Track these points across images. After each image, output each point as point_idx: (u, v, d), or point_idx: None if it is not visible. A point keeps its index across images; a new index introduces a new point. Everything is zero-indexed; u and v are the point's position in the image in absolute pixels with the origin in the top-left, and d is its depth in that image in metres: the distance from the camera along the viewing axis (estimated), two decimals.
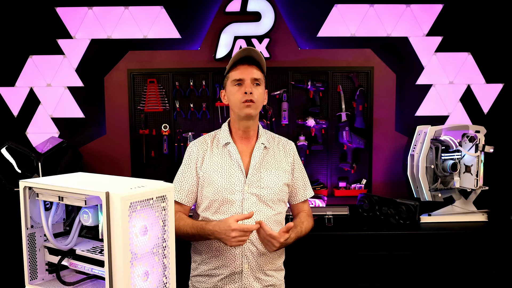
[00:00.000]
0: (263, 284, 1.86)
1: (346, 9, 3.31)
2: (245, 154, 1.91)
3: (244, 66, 1.84)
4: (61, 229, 1.41)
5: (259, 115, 1.93)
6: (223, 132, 1.94)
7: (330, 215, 2.87)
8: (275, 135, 2.04)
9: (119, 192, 1.10)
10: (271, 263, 1.89)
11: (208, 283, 1.87)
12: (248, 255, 1.82)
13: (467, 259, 2.70)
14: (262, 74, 1.88)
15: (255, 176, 1.87)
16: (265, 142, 1.93)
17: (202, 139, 1.96)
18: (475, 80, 3.36)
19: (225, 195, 1.83)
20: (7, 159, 2.87)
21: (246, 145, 1.92)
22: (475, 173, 2.91)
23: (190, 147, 1.95)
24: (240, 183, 1.85)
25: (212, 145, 1.92)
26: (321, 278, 2.69)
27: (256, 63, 1.85)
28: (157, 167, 3.30)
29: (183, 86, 3.25)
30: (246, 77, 1.82)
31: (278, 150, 1.97)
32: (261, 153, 1.91)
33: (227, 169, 1.86)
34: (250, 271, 1.83)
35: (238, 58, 1.84)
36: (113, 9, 3.29)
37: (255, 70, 1.84)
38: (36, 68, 3.31)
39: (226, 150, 1.90)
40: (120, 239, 1.10)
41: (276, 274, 1.92)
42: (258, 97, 1.83)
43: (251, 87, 1.81)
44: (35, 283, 1.35)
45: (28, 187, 1.30)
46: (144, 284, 1.18)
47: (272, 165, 1.91)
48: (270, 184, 1.87)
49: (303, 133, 3.24)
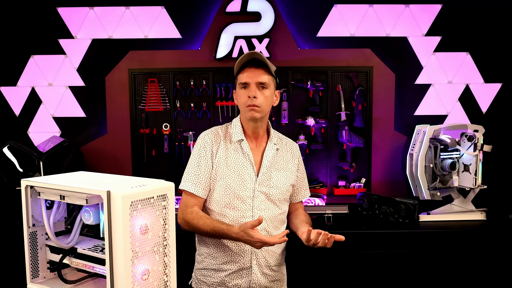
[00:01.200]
0: (269, 279, 1.90)
1: (345, 9, 3.30)
2: (255, 153, 1.92)
3: (251, 69, 1.84)
4: (62, 228, 1.41)
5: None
6: (235, 128, 1.93)
7: (329, 214, 2.87)
8: (282, 136, 2.06)
9: (120, 191, 1.10)
10: (276, 259, 1.93)
11: (215, 277, 1.87)
12: (257, 252, 1.85)
13: (466, 258, 2.70)
14: (271, 77, 1.88)
15: (266, 175, 1.89)
16: (276, 143, 1.96)
17: (214, 131, 1.95)
18: (474, 80, 3.35)
19: (237, 191, 1.84)
20: (9, 158, 2.87)
21: (256, 144, 1.95)
22: (473, 172, 2.91)
23: (203, 137, 1.92)
24: (252, 181, 1.87)
25: (225, 139, 1.92)
26: (320, 276, 2.69)
27: (263, 65, 1.85)
28: (158, 166, 3.29)
29: (184, 85, 3.25)
30: (251, 80, 1.83)
31: (286, 151, 2.00)
32: (272, 153, 1.93)
33: (239, 165, 1.87)
34: (258, 267, 1.86)
35: (245, 61, 1.85)
36: (114, 9, 3.28)
37: (262, 73, 1.84)
38: (38, 67, 3.31)
39: (239, 146, 1.90)
40: (121, 237, 1.10)
41: (280, 269, 1.97)
42: (263, 101, 1.83)
43: (255, 91, 1.82)
44: (36, 281, 1.35)
45: (30, 186, 1.30)
46: (145, 282, 1.18)
47: (281, 166, 1.95)
48: (278, 184, 1.91)
49: (303, 132, 3.24)
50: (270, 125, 2.00)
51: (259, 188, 1.87)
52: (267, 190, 1.88)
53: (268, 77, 1.86)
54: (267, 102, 1.86)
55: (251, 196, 1.85)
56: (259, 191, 1.87)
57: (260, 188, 1.87)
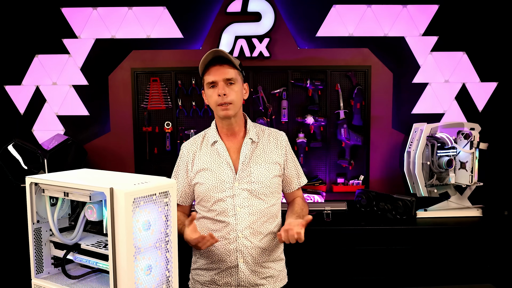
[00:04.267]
0: (260, 276, 1.84)
1: (344, 10, 3.29)
2: (233, 151, 1.87)
3: (215, 67, 1.78)
4: (66, 224, 1.41)
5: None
6: (211, 130, 1.91)
7: (328, 211, 2.87)
8: (265, 127, 1.98)
9: (123, 188, 1.09)
10: (268, 256, 1.86)
11: (206, 276, 1.86)
12: (243, 250, 1.80)
13: (462, 253, 2.70)
14: (237, 71, 1.82)
15: (245, 171, 1.83)
16: (253, 136, 1.89)
17: (192, 140, 1.93)
18: (470, 79, 3.34)
19: (215, 194, 1.81)
20: (14, 155, 2.87)
21: (233, 141, 1.89)
22: (470, 169, 2.91)
23: (181, 149, 1.93)
24: (230, 180, 1.82)
25: (201, 145, 1.90)
26: (320, 271, 2.69)
27: (227, 61, 1.79)
28: (160, 163, 3.29)
29: (185, 84, 3.24)
30: (219, 78, 1.77)
31: (268, 143, 1.92)
32: (249, 148, 1.86)
33: (216, 167, 1.83)
34: (245, 265, 1.81)
35: (208, 61, 1.80)
36: (117, 10, 3.27)
37: (227, 69, 1.78)
38: (42, 67, 3.30)
39: (215, 148, 1.87)
40: (124, 233, 1.10)
41: (274, 265, 1.89)
42: (234, 96, 1.78)
43: (224, 89, 1.76)
44: (41, 277, 1.35)
45: (34, 183, 1.29)
46: (147, 277, 1.18)
47: (262, 159, 1.87)
48: (260, 178, 1.83)
49: (302, 130, 3.23)
50: (247, 119, 1.94)
51: (239, 185, 1.81)
52: (249, 186, 1.81)
53: (234, 71, 1.80)
54: (238, 97, 1.81)
55: (231, 195, 1.81)
56: (241, 188, 1.81)
57: (241, 185, 1.81)
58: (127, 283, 1.12)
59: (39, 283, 1.33)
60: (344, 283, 2.70)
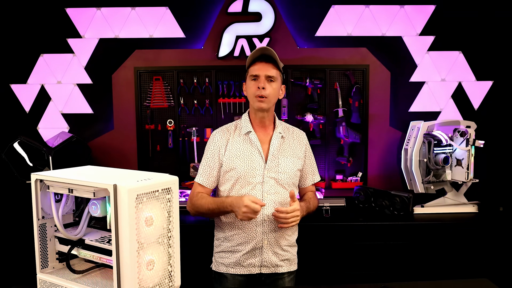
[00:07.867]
0: (280, 258, 1.98)
1: (342, 10, 3.28)
2: (263, 142, 2.00)
3: (261, 63, 1.94)
4: (70, 220, 1.41)
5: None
6: (244, 121, 2.03)
7: (327, 207, 2.86)
8: (289, 125, 2.14)
9: (126, 185, 1.09)
10: (286, 239, 2.00)
11: (231, 258, 1.96)
12: (268, 232, 1.93)
13: (458, 248, 2.70)
14: (279, 72, 1.98)
15: (274, 162, 1.96)
16: (282, 132, 2.03)
17: (225, 128, 2.05)
18: (466, 78, 3.33)
19: (247, 179, 1.93)
20: (19, 153, 2.87)
21: (263, 133, 2.02)
22: (466, 166, 2.90)
23: (213, 136, 2.03)
24: (261, 168, 1.94)
25: (234, 133, 2.01)
26: (318, 266, 2.69)
27: (272, 61, 1.95)
28: (163, 160, 3.29)
29: (187, 83, 3.24)
30: (261, 73, 1.92)
31: (292, 139, 2.07)
32: (278, 142, 2.00)
33: (248, 155, 1.96)
34: (269, 246, 1.94)
35: (256, 56, 1.95)
36: (121, 10, 3.26)
37: (271, 67, 1.94)
38: (47, 66, 3.29)
39: (248, 138, 1.99)
40: (127, 229, 1.09)
41: (290, 249, 2.03)
42: (271, 92, 1.93)
43: (264, 83, 1.92)
44: (46, 272, 1.35)
45: (40, 180, 1.29)
46: (150, 272, 1.17)
47: (288, 152, 2.02)
48: (286, 169, 1.98)
49: (302, 128, 3.20)
50: (276, 117, 2.08)
51: (268, 174, 1.94)
52: (276, 176, 1.95)
53: (276, 71, 1.96)
54: (274, 93, 1.95)
55: (261, 181, 1.93)
56: (269, 176, 1.94)
57: (269, 174, 1.94)
58: (130, 278, 1.12)
59: (44, 278, 1.32)
60: (342, 278, 2.69)
